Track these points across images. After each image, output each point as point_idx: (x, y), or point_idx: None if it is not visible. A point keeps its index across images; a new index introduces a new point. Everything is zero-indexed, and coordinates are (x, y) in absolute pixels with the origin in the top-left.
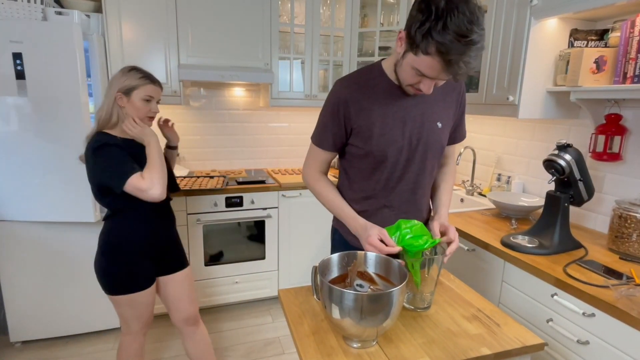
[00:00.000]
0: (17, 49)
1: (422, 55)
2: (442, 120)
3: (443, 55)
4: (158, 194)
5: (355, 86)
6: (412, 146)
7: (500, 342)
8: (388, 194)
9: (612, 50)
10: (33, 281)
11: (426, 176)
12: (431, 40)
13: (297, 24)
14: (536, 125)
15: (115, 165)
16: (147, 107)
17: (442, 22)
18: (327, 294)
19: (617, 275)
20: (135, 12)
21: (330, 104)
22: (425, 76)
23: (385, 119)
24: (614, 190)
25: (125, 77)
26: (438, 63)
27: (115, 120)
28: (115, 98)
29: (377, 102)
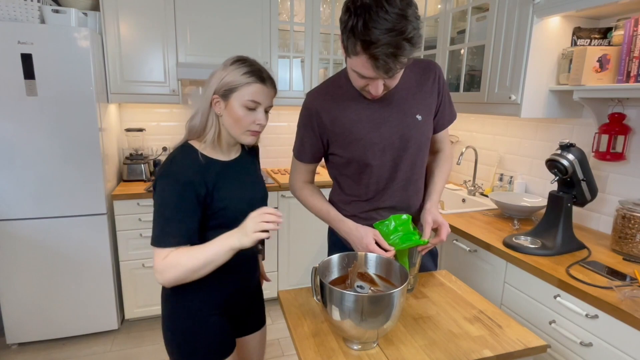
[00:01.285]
0: (27, 50)
1: (353, 57)
2: (421, 112)
3: (368, 51)
4: (162, 282)
5: (325, 96)
6: (395, 145)
7: (502, 344)
8: (381, 196)
9: (615, 49)
10: (30, 282)
11: (417, 172)
12: (355, 39)
13: (297, 22)
14: (539, 124)
15: (166, 216)
16: (250, 118)
17: (362, 20)
18: (327, 296)
19: (620, 276)
20: (133, 10)
21: (303, 116)
22: (366, 77)
23: (359, 123)
24: (617, 190)
25: (226, 71)
26: (367, 61)
27: (208, 133)
28: (212, 102)
29: (349, 108)
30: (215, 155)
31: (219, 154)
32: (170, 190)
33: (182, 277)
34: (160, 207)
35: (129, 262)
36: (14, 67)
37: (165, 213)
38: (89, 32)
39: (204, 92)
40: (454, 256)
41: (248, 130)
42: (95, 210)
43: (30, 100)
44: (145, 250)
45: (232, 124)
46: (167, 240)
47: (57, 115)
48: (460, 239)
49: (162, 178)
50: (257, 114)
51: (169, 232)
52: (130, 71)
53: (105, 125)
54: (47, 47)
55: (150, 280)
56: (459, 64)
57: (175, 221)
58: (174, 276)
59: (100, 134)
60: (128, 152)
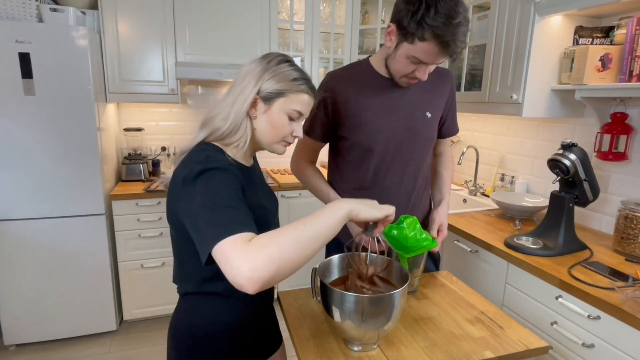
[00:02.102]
0: (25, 49)
1: (418, 42)
2: (431, 110)
3: (439, 38)
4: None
5: (343, 78)
6: (401, 135)
7: (503, 345)
8: (379, 185)
9: (617, 48)
10: (28, 283)
11: (415, 166)
12: (426, 26)
13: (297, 21)
14: (540, 124)
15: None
16: (289, 128)
17: (434, 9)
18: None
19: (622, 277)
20: (131, 9)
21: (320, 90)
22: (422, 62)
23: (372, 108)
24: (619, 190)
25: (271, 71)
26: (435, 47)
27: (238, 138)
28: (254, 103)
29: (364, 93)
30: (238, 160)
31: (240, 159)
32: (221, 180)
33: (284, 255)
34: (212, 200)
35: (127, 262)
36: (12, 66)
37: (221, 203)
38: (87, 31)
39: (235, 90)
40: (455, 257)
41: (283, 140)
42: (93, 211)
43: (28, 100)
44: (144, 250)
45: (269, 131)
46: (236, 227)
47: (55, 115)
48: (461, 240)
49: (202, 173)
50: (296, 125)
51: (237, 219)
52: (129, 70)
53: (103, 124)
54: (45, 46)
55: (149, 280)
56: (460, 63)
57: (238, 209)
58: (275, 253)
59: (98, 134)
60: (127, 152)
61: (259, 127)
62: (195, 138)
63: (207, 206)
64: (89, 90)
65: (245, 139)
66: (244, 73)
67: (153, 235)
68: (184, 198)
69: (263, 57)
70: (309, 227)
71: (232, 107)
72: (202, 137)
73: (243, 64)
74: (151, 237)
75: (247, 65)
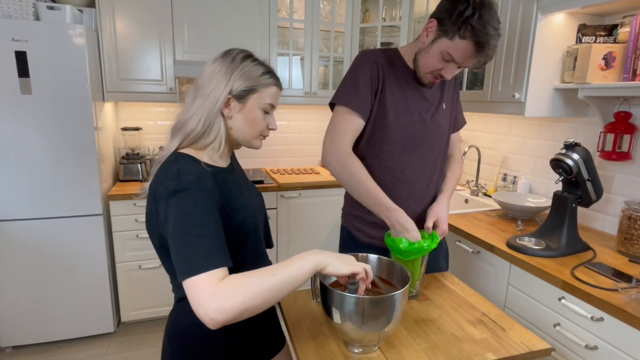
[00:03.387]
0: (21, 47)
1: (457, 40)
2: (446, 103)
3: (476, 38)
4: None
5: (383, 58)
6: (425, 123)
7: (505, 347)
8: (403, 169)
9: (621, 46)
10: (24, 284)
11: (436, 156)
12: (469, 26)
13: (297, 19)
14: (543, 123)
15: (198, 234)
16: (265, 122)
17: (479, 13)
18: (327, 298)
19: (626, 278)
20: (129, 7)
21: (361, 66)
22: (453, 61)
23: (403, 93)
24: (623, 190)
25: (239, 69)
26: (471, 47)
27: (212, 139)
28: (227, 102)
29: (397, 78)
30: (215, 162)
31: (218, 160)
32: (192, 204)
33: (249, 302)
34: (184, 226)
35: (125, 263)
36: (8, 65)
37: (193, 231)
38: (84, 29)
39: (205, 91)
40: (456, 257)
41: (261, 135)
42: (90, 211)
43: (25, 99)
44: (142, 251)
45: (246, 128)
46: (208, 262)
47: (52, 114)
48: (463, 240)
49: (175, 194)
50: (270, 118)
51: (208, 253)
52: (127, 69)
53: (101, 124)
54: (41, 45)
55: (147, 282)
56: None
57: (210, 238)
58: (240, 300)
59: (95, 133)
60: (124, 152)
61: (236, 126)
62: (169, 147)
63: (180, 232)
64: (86, 89)
65: (220, 140)
66: (209, 74)
67: None
68: (161, 215)
69: (225, 55)
70: (278, 277)
71: (203, 109)
72: (176, 145)
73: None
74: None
75: (210, 66)
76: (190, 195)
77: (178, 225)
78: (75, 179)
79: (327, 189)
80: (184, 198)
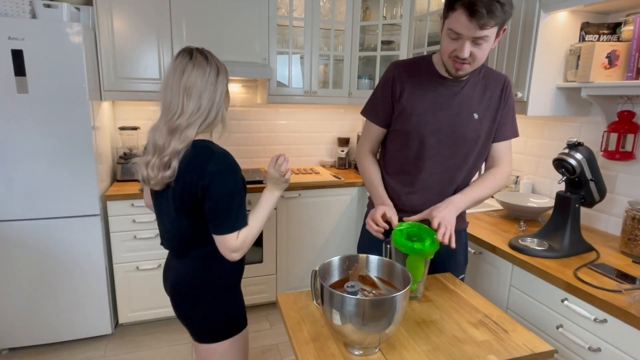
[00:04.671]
0: (18, 46)
1: (451, 14)
2: (479, 113)
3: (466, 5)
4: (233, 260)
5: (404, 68)
6: (444, 131)
7: (508, 349)
8: (418, 172)
9: (624, 45)
10: (20, 285)
11: (456, 164)
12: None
13: (296, 17)
14: (546, 122)
15: (237, 204)
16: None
17: None
18: (327, 299)
19: (630, 279)
20: (127, 4)
21: (383, 80)
22: (458, 36)
23: (423, 100)
24: (626, 190)
25: (223, 66)
26: (462, 14)
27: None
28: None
29: (419, 86)
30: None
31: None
32: (235, 181)
33: (252, 242)
34: (229, 198)
35: (123, 264)
36: (4, 63)
37: (235, 201)
38: (81, 27)
39: (211, 86)
40: None
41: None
42: (88, 211)
43: (21, 98)
44: (140, 252)
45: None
46: (240, 223)
47: (48, 113)
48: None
49: (225, 172)
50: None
51: (240, 216)
52: (124, 68)
53: (98, 123)
54: (38, 43)
55: (145, 283)
56: None
57: (243, 206)
58: (248, 245)
59: (93, 133)
60: (122, 151)
61: (225, 106)
62: (188, 136)
63: (225, 202)
64: (84, 88)
65: (225, 122)
66: (198, 77)
67: (149, 237)
68: (204, 187)
69: (202, 57)
70: (265, 215)
71: (210, 101)
72: (193, 134)
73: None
74: (147, 238)
75: (194, 71)
76: (234, 173)
77: (225, 197)
78: (73, 179)
79: (327, 189)
80: (231, 175)
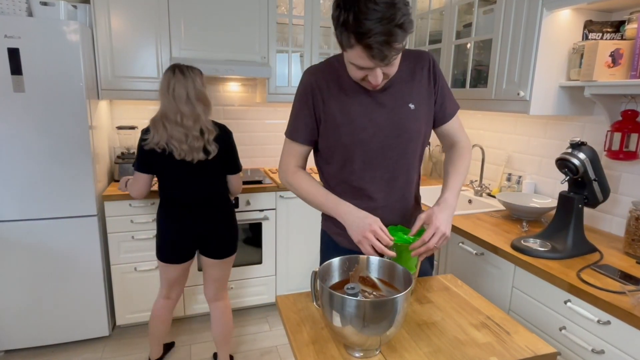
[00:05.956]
0: (14, 44)
1: (349, 50)
2: (414, 102)
3: (362, 42)
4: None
5: (321, 74)
6: (386, 132)
7: (510, 351)
8: (371, 185)
9: (628, 43)
10: (17, 287)
11: (407, 162)
12: (348, 32)
13: (296, 15)
14: (548, 122)
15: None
16: None
17: (353, 13)
18: (327, 301)
19: (634, 280)
20: (125, 2)
21: (300, 93)
22: (364, 68)
23: (351, 106)
24: (630, 190)
25: (202, 77)
26: (362, 52)
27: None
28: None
29: (343, 91)
30: None
31: None
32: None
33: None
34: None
35: (120, 265)
36: (1, 62)
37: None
38: (78, 25)
39: (197, 87)
40: (460, 259)
41: None
42: (85, 212)
43: (17, 97)
44: (138, 253)
45: None
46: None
47: (45, 113)
48: (466, 242)
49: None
50: None
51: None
52: (122, 66)
53: (95, 122)
54: (35, 42)
55: (143, 284)
56: (465, 59)
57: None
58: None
59: (90, 132)
60: (119, 151)
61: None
62: (208, 120)
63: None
64: (81, 87)
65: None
66: (199, 85)
67: (147, 237)
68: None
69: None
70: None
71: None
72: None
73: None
74: (145, 239)
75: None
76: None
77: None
78: (69, 179)
79: None
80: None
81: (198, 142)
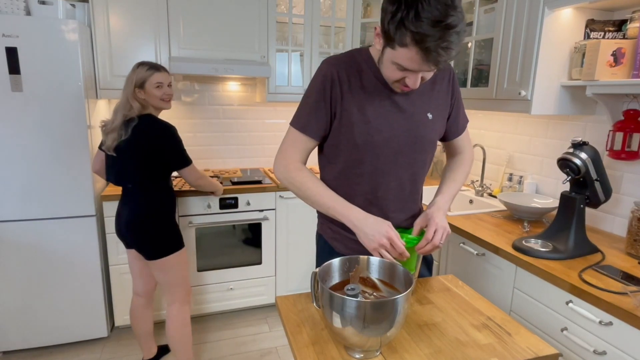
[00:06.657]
0: (12, 43)
1: (399, 48)
2: (432, 111)
3: (420, 44)
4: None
5: (343, 66)
6: (400, 139)
7: (511, 352)
8: (376, 191)
9: (630, 42)
10: (14, 287)
11: (416, 171)
12: (405, 30)
13: (296, 14)
14: (550, 121)
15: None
16: (161, 92)
17: (414, 10)
18: (327, 302)
19: (636, 281)
20: (123, 1)
21: (318, 83)
22: (408, 70)
23: (370, 105)
24: (632, 190)
25: (135, 73)
26: (416, 54)
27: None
28: (134, 93)
29: (363, 88)
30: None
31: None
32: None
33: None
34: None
35: (119, 266)
36: None
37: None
38: (77, 24)
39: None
40: (460, 260)
41: (163, 100)
42: (83, 212)
43: (15, 96)
44: None
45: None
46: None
47: (43, 112)
48: (467, 242)
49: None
50: (164, 89)
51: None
52: (121, 66)
53: (94, 122)
54: (33, 41)
55: None
56: (466, 58)
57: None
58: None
59: (89, 132)
60: None
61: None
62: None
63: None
64: (79, 86)
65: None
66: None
67: None
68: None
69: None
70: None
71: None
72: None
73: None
74: None
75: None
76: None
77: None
78: (68, 178)
79: None
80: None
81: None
